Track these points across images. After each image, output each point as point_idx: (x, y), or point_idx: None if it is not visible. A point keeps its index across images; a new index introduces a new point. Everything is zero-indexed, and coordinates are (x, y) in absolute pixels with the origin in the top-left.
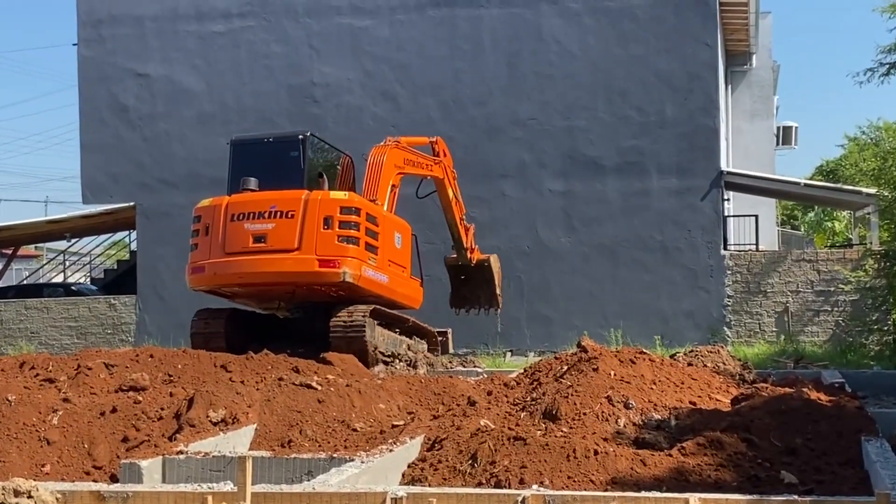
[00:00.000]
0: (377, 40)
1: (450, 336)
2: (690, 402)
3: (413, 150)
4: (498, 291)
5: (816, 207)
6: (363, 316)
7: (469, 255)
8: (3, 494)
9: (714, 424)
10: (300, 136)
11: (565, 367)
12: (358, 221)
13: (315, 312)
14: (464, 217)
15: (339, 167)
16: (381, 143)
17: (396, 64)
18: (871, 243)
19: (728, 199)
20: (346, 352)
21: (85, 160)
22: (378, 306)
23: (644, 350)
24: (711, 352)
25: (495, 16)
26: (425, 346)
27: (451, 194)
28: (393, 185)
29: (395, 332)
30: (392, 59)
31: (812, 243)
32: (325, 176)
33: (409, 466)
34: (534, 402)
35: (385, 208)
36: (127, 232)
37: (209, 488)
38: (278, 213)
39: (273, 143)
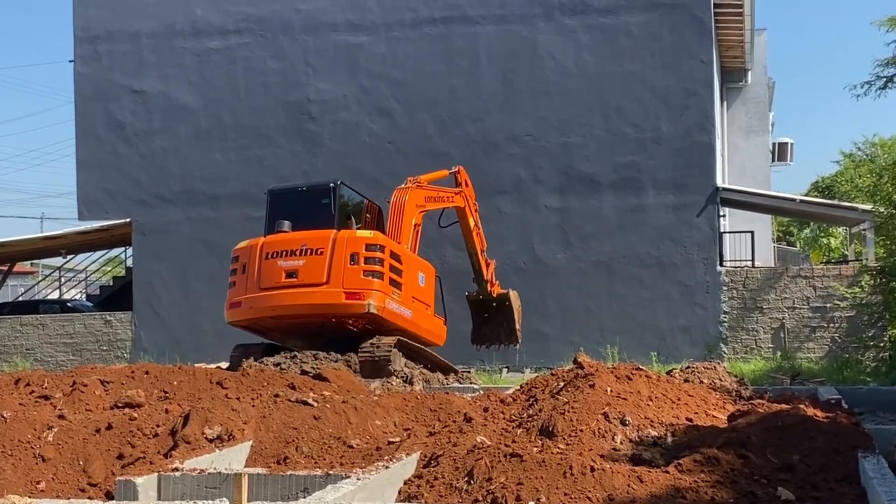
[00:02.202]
0: (373, 57)
1: (473, 374)
2: (687, 419)
3: (432, 187)
4: (517, 327)
5: (812, 224)
6: (389, 344)
7: (489, 289)
8: None
9: (711, 441)
10: (331, 185)
11: (562, 384)
12: (382, 258)
13: (344, 348)
14: (485, 250)
15: (366, 212)
16: (403, 185)
17: (393, 80)
18: (866, 260)
19: (724, 216)
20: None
21: (81, 176)
22: (403, 338)
23: (640, 366)
24: (708, 368)
25: (491, 32)
26: None
27: (471, 224)
28: (416, 224)
29: (420, 366)
30: (388, 75)
31: (808, 259)
32: (352, 218)
33: (405, 483)
34: (530, 419)
35: (409, 248)
36: (123, 248)
37: None
38: (309, 251)
39: (306, 192)
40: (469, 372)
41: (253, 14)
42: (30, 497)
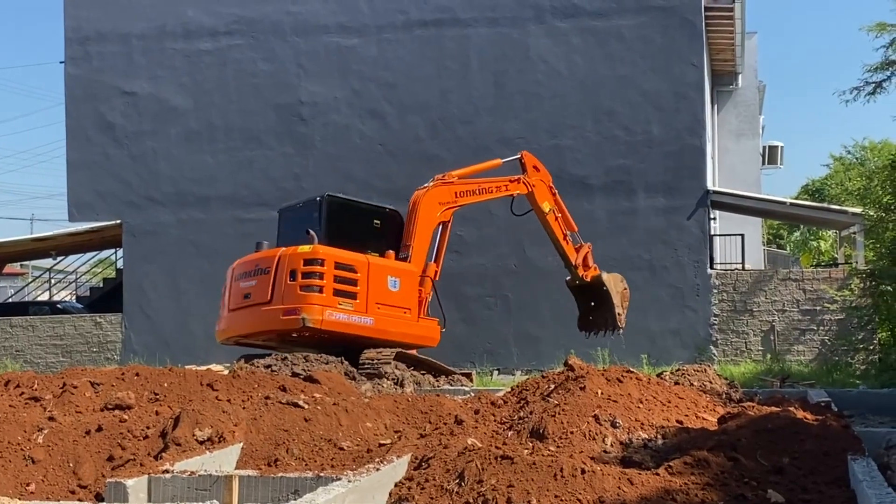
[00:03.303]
0: (365, 59)
1: (473, 377)
2: (677, 421)
3: (466, 180)
4: (618, 311)
5: (802, 227)
6: (388, 356)
7: (581, 273)
8: None
9: (701, 443)
10: (318, 199)
11: (552, 386)
12: (321, 271)
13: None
14: (567, 234)
15: (377, 222)
16: (423, 185)
17: (384, 83)
18: (856, 263)
19: (714, 219)
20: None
21: (71, 178)
22: (402, 349)
23: (631, 369)
24: (698, 371)
25: (482, 35)
26: None
27: (545, 209)
28: (443, 223)
29: (421, 373)
30: (379, 77)
31: (798, 262)
32: (312, 232)
33: (395, 485)
34: (521, 421)
35: (422, 249)
36: (113, 250)
37: None
38: (260, 271)
39: (300, 208)
40: (470, 374)
41: (244, 16)
42: (20, 499)
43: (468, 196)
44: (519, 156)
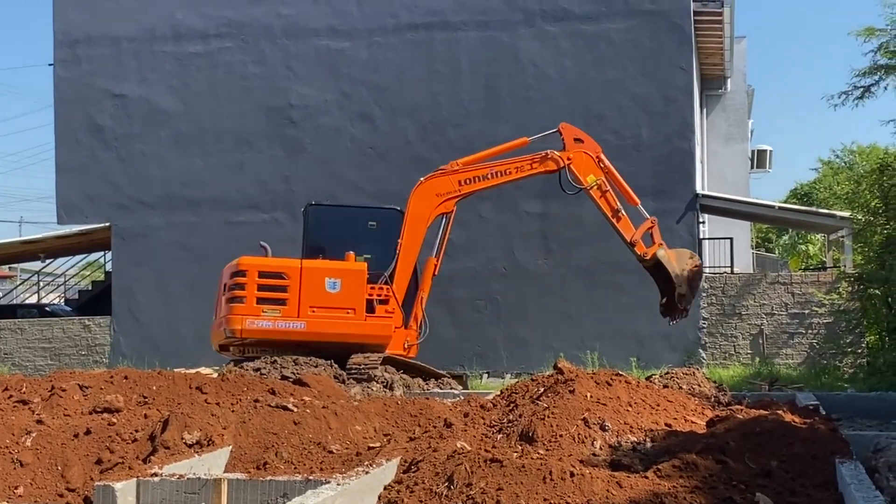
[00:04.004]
0: (355, 62)
1: (466, 379)
2: (666, 424)
3: (475, 166)
4: (681, 291)
5: (791, 230)
6: (375, 361)
7: (639, 252)
8: None
9: (689, 446)
10: (303, 209)
11: (542, 389)
12: (243, 282)
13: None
14: (619, 210)
15: (372, 224)
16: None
17: (374, 86)
18: (844, 266)
19: (703, 222)
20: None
21: (60, 180)
22: (392, 355)
23: (620, 372)
24: (687, 374)
25: (472, 39)
26: None
27: (588, 183)
28: (445, 214)
29: (411, 376)
30: (370, 80)
31: (786, 266)
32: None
33: (385, 489)
34: (510, 424)
35: (414, 243)
36: (102, 253)
37: None
38: (220, 286)
39: (303, 215)
40: (461, 377)
41: (234, 19)
42: (7, 502)
43: (477, 182)
44: (556, 129)
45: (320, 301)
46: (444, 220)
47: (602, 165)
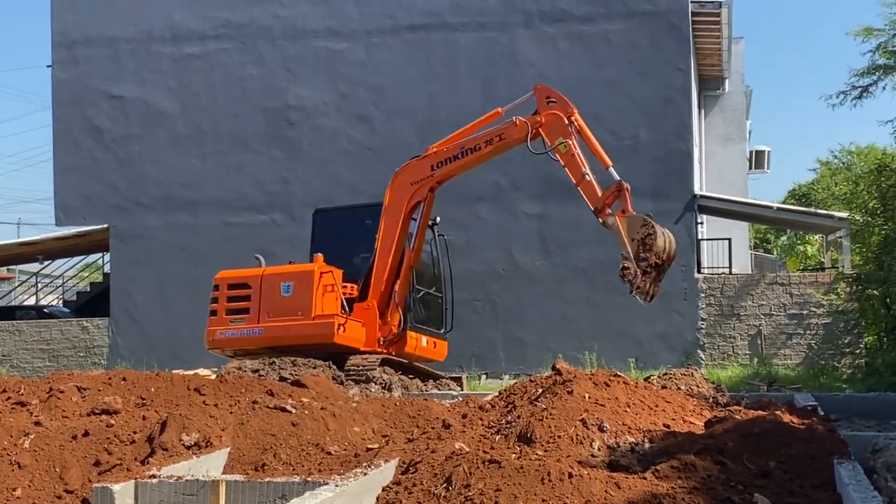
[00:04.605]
0: (353, 63)
1: (464, 381)
2: (664, 425)
3: (445, 148)
4: (625, 264)
5: (789, 231)
6: (373, 362)
7: (601, 220)
8: None
9: (688, 447)
10: (312, 215)
11: (540, 390)
12: (216, 295)
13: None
14: (586, 175)
15: (369, 221)
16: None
17: (372, 87)
18: (842, 267)
19: (701, 223)
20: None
21: (58, 182)
22: (388, 356)
23: (618, 373)
24: (685, 374)
25: (471, 39)
26: None
27: (557, 147)
28: (421, 202)
29: (409, 378)
30: (368, 82)
31: (785, 267)
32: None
33: (383, 490)
34: (509, 425)
35: (392, 236)
36: (100, 254)
37: None
38: None
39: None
40: (460, 378)
41: (232, 20)
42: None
43: (451, 164)
44: (531, 93)
45: (276, 306)
46: (420, 208)
47: (574, 126)
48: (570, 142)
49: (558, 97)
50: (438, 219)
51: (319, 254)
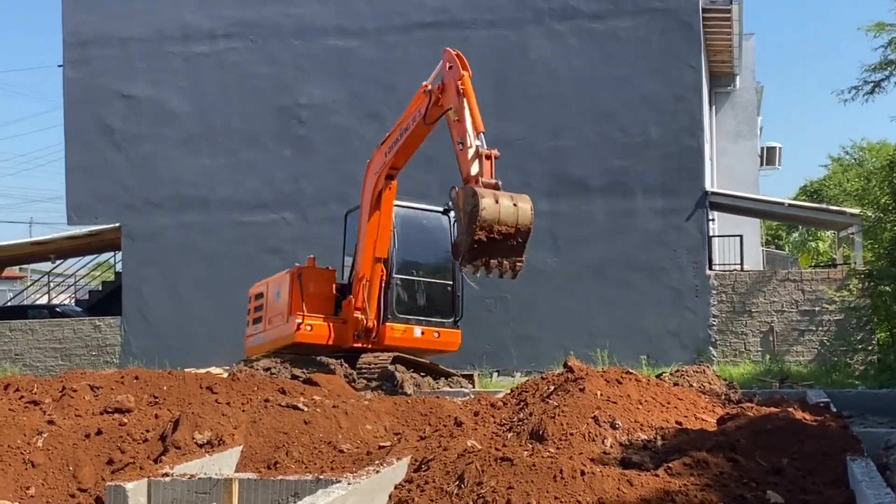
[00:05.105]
0: (364, 61)
1: (476, 379)
2: (676, 422)
3: (391, 133)
4: (456, 240)
5: (801, 227)
6: (385, 360)
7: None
8: None
9: (700, 444)
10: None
11: (552, 388)
12: (248, 307)
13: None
14: (460, 141)
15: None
16: None
17: (383, 85)
18: (854, 263)
19: (713, 220)
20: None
21: (70, 181)
22: (399, 354)
23: (630, 370)
24: (697, 371)
25: (482, 37)
26: None
27: (445, 111)
28: (384, 190)
29: (421, 375)
30: (379, 80)
31: (797, 263)
32: (311, 257)
33: (395, 488)
34: (521, 423)
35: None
36: (112, 253)
37: None
38: None
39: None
40: (471, 376)
41: (243, 18)
42: (20, 502)
43: (396, 148)
44: (442, 64)
45: (273, 311)
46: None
47: (460, 92)
48: (454, 108)
49: (455, 62)
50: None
51: (311, 255)
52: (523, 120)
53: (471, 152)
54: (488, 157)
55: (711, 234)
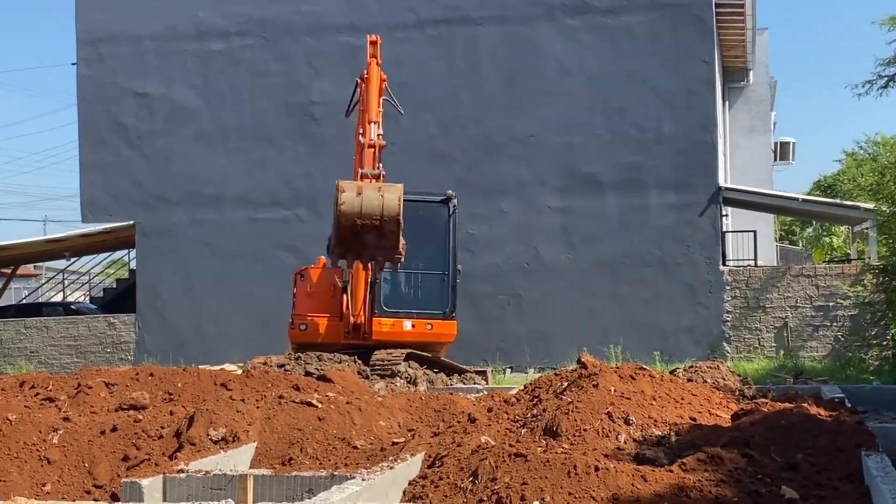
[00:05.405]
0: None
1: (489, 375)
2: (690, 418)
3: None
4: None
5: (815, 223)
6: (398, 356)
7: None
8: None
9: (714, 440)
10: None
11: (565, 384)
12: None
13: None
14: (359, 135)
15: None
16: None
17: (395, 82)
18: (869, 258)
19: (726, 215)
20: None
21: (84, 179)
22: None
23: (644, 366)
24: (711, 367)
25: (493, 33)
26: None
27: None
28: None
29: (434, 371)
30: (390, 77)
31: (811, 258)
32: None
33: (409, 484)
34: (534, 419)
35: None
36: (126, 250)
37: None
38: None
39: None
40: (485, 372)
41: (255, 16)
42: (36, 499)
43: (357, 146)
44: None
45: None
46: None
47: (364, 80)
48: (363, 97)
49: (368, 50)
50: (450, 192)
51: (322, 257)
52: (535, 116)
53: (361, 142)
54: (371, 147)
55: (725, 229)
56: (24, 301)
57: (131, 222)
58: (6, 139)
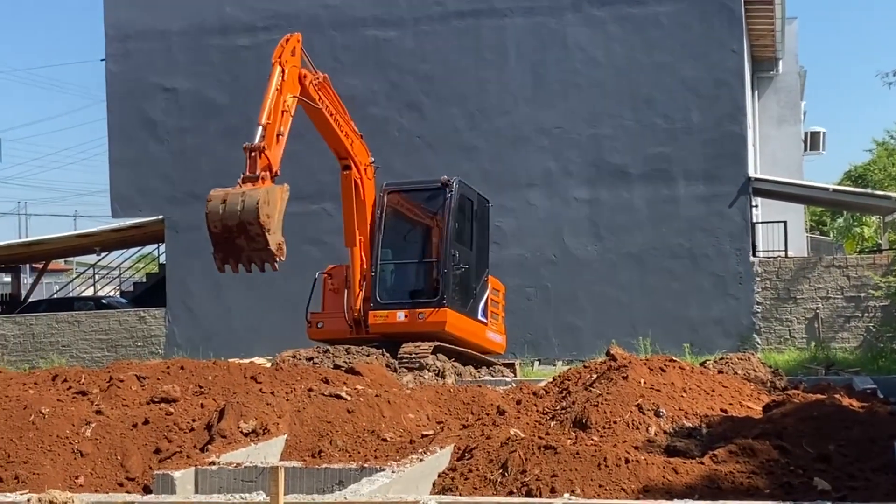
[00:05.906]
0: (402, 52)
1: (517, 367)
2: (721, 410)
3: None
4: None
5: (845, 213)
6: (426, 350)
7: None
8: None
9: (746, 432)
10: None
11: (594, 376)
12: None
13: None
14: (279, 135)
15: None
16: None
17: (421, 75)
18: None
19: (756, 206)
20: None
21: (114, 174)
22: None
23: (674, 358)
24: (742, 359)
25: (519, 25)
26: None
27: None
28: (353, 180)
29: (462, 365)
30: (417, 70)
31: (841, 249)
32: None
33: (439, 476)
34: (563, 411)
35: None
36: (156, 245)
37: (242, 499)
38: None
39: None
40: (513, 365)
41: (281, 10)
42: (69, 491)
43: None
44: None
45: None
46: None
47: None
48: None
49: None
50: (445, 177)
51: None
52: (562, 108)
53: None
54: (256, 150)
55: (755, 220)
56: (55, 296)
57: (160, 217)
58: (37, 135)
